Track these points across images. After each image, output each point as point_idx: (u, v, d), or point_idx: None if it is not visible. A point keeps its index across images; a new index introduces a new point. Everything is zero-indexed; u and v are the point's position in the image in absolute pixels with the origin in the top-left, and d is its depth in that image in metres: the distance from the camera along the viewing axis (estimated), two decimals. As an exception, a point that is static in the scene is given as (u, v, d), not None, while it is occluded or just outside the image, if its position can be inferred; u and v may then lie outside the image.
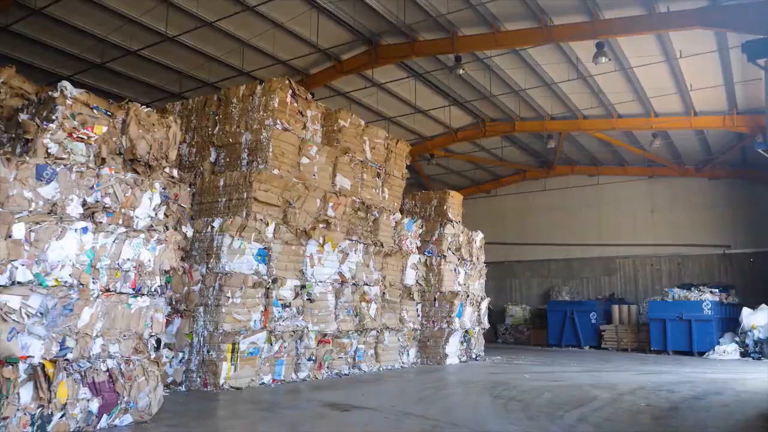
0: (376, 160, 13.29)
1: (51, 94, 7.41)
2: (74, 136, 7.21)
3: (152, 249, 6.85)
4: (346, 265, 11.90)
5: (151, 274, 6.79)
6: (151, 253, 6.83)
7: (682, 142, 21.30)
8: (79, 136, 7.30)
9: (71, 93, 7.28)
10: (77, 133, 7.28)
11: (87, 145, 7.38)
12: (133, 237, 6.67)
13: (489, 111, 20.19)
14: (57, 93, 7.29)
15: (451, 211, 15.30)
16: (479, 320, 16.10)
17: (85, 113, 7.57)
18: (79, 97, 7.34)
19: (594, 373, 12.99)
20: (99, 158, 7.40)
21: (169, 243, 7.02)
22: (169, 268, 7.06)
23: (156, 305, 6.82)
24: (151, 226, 7.03)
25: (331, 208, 11.67)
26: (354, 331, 11.91)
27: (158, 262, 6.90)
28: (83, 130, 7.41)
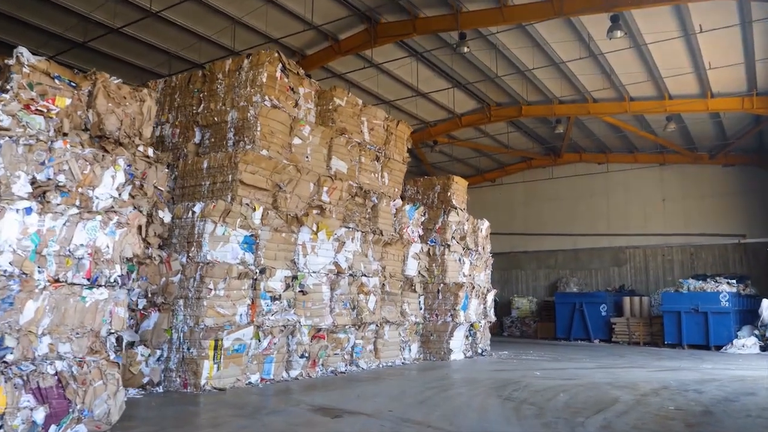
0: (374, 143, 12.31)
1: (6, 62, 6.48)
2: (32, 109, 6.28)
3: (111, 233, 5.89)
4: (343, 255, 10.94)
5: (110, 262, 5.84)
6: (109, 238, 5.87)
7: (696, 126, 20.22)
8: (38, 108, 6.38)
9: (28, 60, 6.37)
10: (35, 105, 6.36)
11: (47, 119, 6.46)
12: (88, 219, 5.71)
13: (494, 94, 19.17)
14: (12, 60, 6.37)
15: (455, 197, 14.32)
16: (485, 313, 15.14)
17: (46, 83, 6.65)
18: (38, 65, 6.42)
19: (609, 369, 12.02)
20: (60, 134, 6.47)
21: (132, 226, 6.06)
22: (132, 255, 6.10)
23: (116, 298, 5.86)
24: (112, 208, 6.07)
25: (325, 193, 10.71)
26: (351, 325, 10.97)
27: (118, 248, 5.94)
28: (42, 102, 6.49)
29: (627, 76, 16.82)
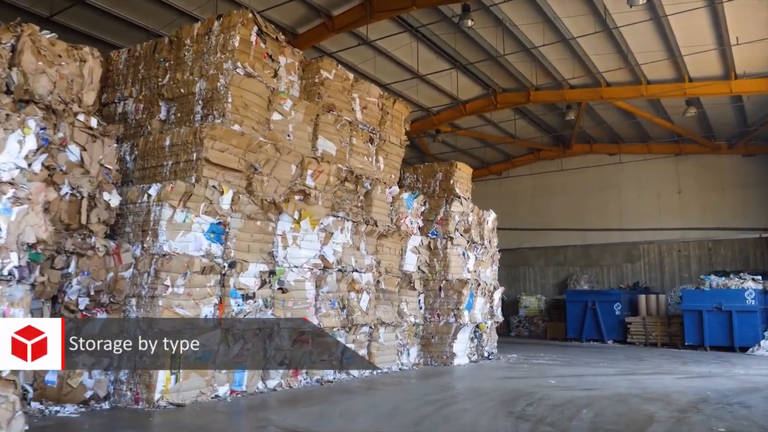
0: (368, 122, 10.84)
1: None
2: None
3: (5, 211, 4.44)
4: (330, 247, 9.48)
5: (3, 250, 4.39)
6: (2, 218, 4.42)
7: (716, 111, 18.59)
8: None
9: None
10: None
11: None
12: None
13: (500, 79, 17.63)
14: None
15: (458, 185, 12.82)
16: (492, 313, 13.64)
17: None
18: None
19: (632, 376, 10.51)
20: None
21: (35, 204, 4.62)
22: (37, 241, 4.65)
23: (11, 296, 4.43)
24: (13, 181, 4.63)
25: (310, 177, 9.25)
26: (340, 327, 9.50)
27: (15, 231, 4.50)
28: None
29: (644, 56, 15.23)
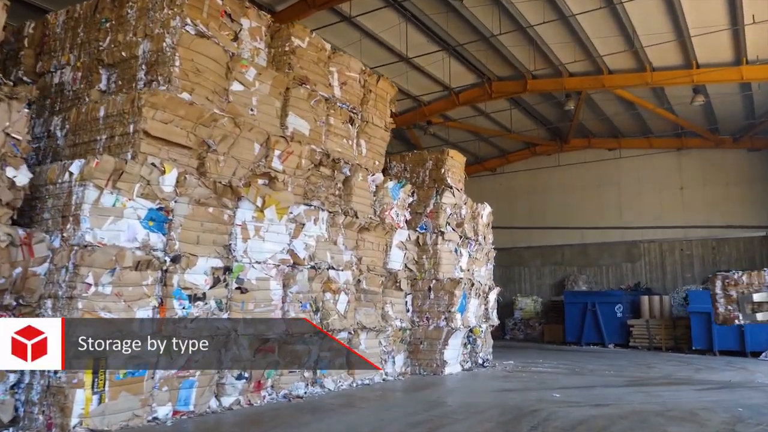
0: (348, 101, 9.40)
1: None
2: None
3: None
4: (301, 241, 8.04)
5: None
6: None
7: (722, 102, 17.23)
8: None
9: None
10: None
11: None
12: None
13: (495, 66, 16.24)
14: None
15: (450, 174, 11.39)
16: (487, 316, 12.23)
17: None
18: None
19: (646, 388, 9.11)
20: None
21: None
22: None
23: None
24: None
25: (277, 158, 7.81)
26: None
27: None
28: None
29: (649, 38, 13.83)
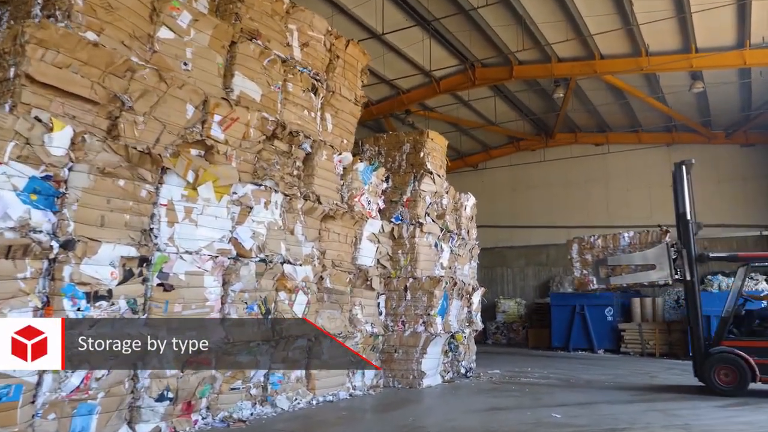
0: (310, 65, 7.85)
1: None
2: None
3: None
4: (248, 227, 6.46)
5: None
6: None
7: (719, 91, 15.94)
8: None
9: None
10: None
11: None
12: None
13: (479, 49, 14.81)
14: None
15: (430, 159, 9.89)
16: (470, 319, 10.75)
17: None
18: None
19: (658, 404, 7.67)
20: None
21: None
22: None
23: None
24: None
25: (218, 125, 6.23)
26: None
27: None
28: None
29: (645, 16, 12.53)
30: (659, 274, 9.50)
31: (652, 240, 10.12)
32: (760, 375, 8.28)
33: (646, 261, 9.82)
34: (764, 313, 9.27)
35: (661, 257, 9.46)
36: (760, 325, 8.93)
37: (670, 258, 9.35)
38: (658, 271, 9.50)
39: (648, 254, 9.79)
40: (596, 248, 10.93)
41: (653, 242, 10.03)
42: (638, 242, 10.32)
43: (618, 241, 10.83)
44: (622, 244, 10.70)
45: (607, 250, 10.78)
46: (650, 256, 9.71)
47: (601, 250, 10.82)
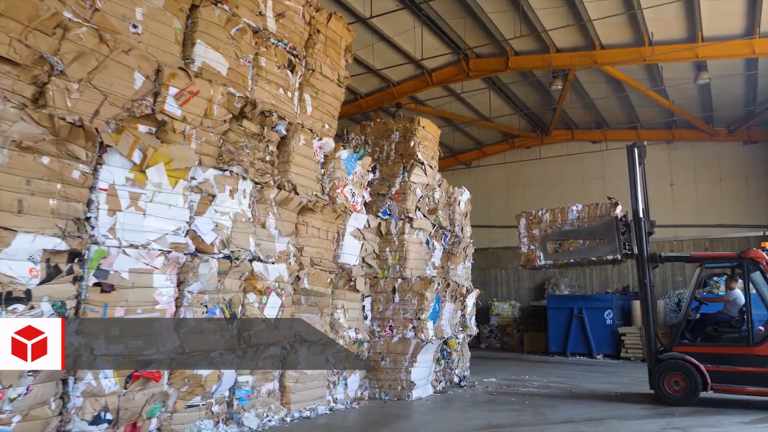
0: (286, 38, 6.93)
1: None
2: None
3: None
4: (209, 218, 5.54)
5: None
6: None
7: (723, 84, 15.14)
8: None
9: None
10: None
11: None
12: None
13: (474, 38, 13.95)
14: None
15: (421, 149, 9.00)
16: (464, 323, 9.87)
17: None
18: None
19: (674, 420, 6.81)
20: None
21: None
22: None
23: None
24: None
25: (174, 99, 5.30)
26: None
27: None
28: None
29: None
30: (607, 249, 8.85)
31: (601, 213, 9.24)
32: (713, 383, 7.62)
33: (593, 235, 9.10)
34: (719, 318, 8.55)
35: (609, 231, 8.82)
36: (715, 330, 8.23)
37: (618, 232, 8.70)
38: (606, 246, 8.87)
39: (596, 228, 9.06)
40: (544, 222, 9.98)
41: (602, 216, 9.17)
42: (587, 216, 9.40)
43: (566, 215, 9.89)
44: (570, 218, 9.73)
45: (555, 224, 9.84)
46: (598, 230, 9.02)
47: (548, 225, 9.88)
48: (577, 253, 9.34)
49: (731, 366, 7.60)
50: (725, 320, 8.48)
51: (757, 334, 7.66)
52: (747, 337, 7.68)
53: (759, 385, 7.41)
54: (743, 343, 7.68)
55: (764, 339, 7.57)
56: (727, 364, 7.63)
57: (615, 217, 8.92)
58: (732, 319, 8.44)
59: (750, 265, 7.99)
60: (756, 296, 8.12)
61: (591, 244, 9.17)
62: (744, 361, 7.55)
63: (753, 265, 7.95)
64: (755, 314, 7.85)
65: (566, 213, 9.72)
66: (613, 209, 9.16)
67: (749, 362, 7.51)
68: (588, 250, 9.19)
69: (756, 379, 7.44)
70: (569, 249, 9.45)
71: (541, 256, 9.62)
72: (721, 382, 7.59)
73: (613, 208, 9.16)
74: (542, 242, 9.61)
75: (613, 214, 9.05)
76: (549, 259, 9.56)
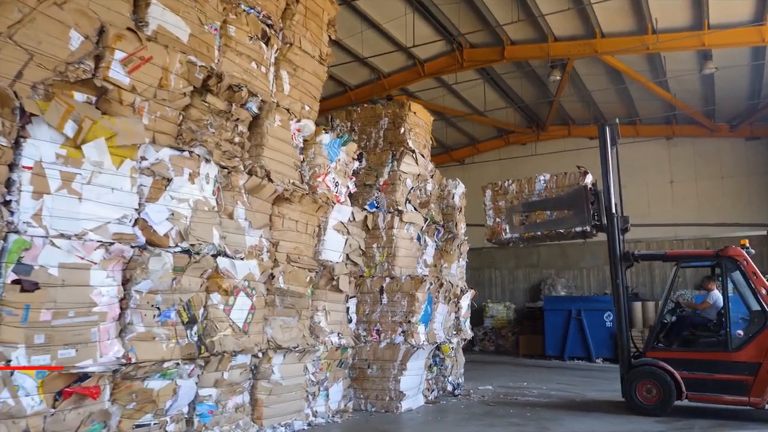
0: (260, 6, 6.11)
1: None
2: None
3: None
4: (163, 206, 4.71)
5: None
6: None
7: (727, 76, 14.42)
8: None
9: None
10: None
11: None
12: None
13: (468, 26, 13.21)
14: None
15: (412, 136, 8.21)
16: (458, 327, 9.10)
17: None
18: None
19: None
20: None
21: None
22: None
23: None
24: None
25: (120, 64, 4.48)
26: (183, 359, 4.72)
27: None
28: None
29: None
30: (576, 220, 8.19)
31: (570, 183, 8.54)
32: (688, 392, 6.98)
33: (561, 205, 8.43)
34: (695, 320, 7.89)
35: (577, 201, 8.19)
36: (692, 334, 7.55)
37: (587, 201, 8.06)
38: (574, 217, 8.22)
39: (564, 198, 8.40)
40: (510, 194, 9.21)
41: (571, 185, 8.48)
42: (555, 186, 8.68)
43: (534, 186, 9.13)
44: (537, 188, 8.97)
45: (522, 195, 9.10)
46: (566, 200, 8.36)
47: (515, 196, 9.13)
48: (544, 225, 8.65)
49: (708, 373, 6.96)
50: (702, 323, 7.83)
51: (735, 339, 7.02)
52: (725, 342, 7.03)
53: (737, 393, 6.77)
54: (721, 348, 7.04)
55: (744, 344, 6.93)
56: (704, 370, 7.00)
57: (584, 186, 8.23)
58: (710, 322, 7.79)
59: (729, 264, 7.34)
60: (736, 297, 7.48)
61: (559, 215, 8.51)
62: (722, 367, 6.92)
63: (732, 264, 7.30)
64: (734, 317, 7.21)
65: (533, 183, 8.99)
66: (582, 178, 8.47)
67: (727, 369, 6.88)
68: (556, 222, 8.52)
69: (734, 388, 6.80)
70: (536, 221, 8.76)
71: (507, 229, 8.90)
72: (697, 390, 6.97)
73: (582, 177, 8.47)
74: (508, 214, 8.89)
75: (582, 183, 8.36)
76: (515, 232, 8.84)
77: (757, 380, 6.70)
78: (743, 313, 7.50)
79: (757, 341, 6.88)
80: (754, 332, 6.98)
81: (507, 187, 9.07)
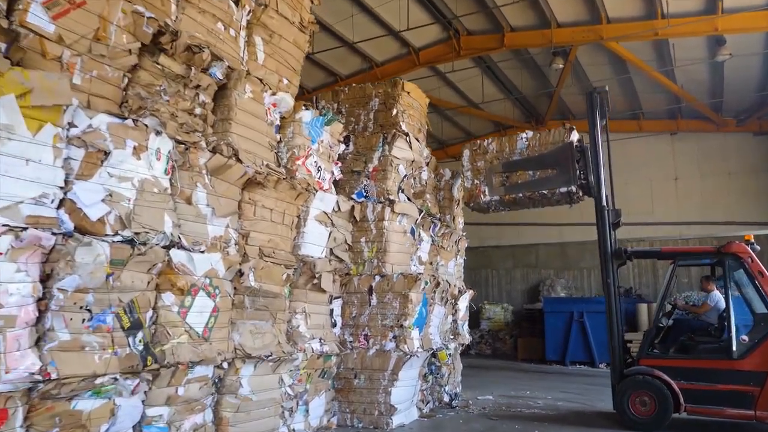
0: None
1: None
2: None
3: None
4: (97, 184, 3.80)
5: None
6: None
7: (737, 65, 13.63)
8: None
9: None
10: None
11: None
12: None
13: (464, 11, 12.37)
14: None
15: (406, 118, 7.32)
16: (456, 330, 8.22)
17: None
18: None
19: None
20: None
21: None
22: None
23: None
24: None
25: (42, 7, 3.58)
26: (123, 373, 3.81)
27: None
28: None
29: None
30: (560, 180, 7.40)
31: (554, 140, 7.70)
32: (687, 404, 6.20)
33: (545, 164, 7.62)
34: (694, 324, 7.16)
35: (562, 158, 7.38)
36: (690, 340, 6.73)
37: (573, 159, 7.25)
38: (559, 176, 7.41)
39: (547, 156, 7.59)
40: (490, 153, 8.33)
41: (555, 143, 7.65)
42: (538, 144, 7.83)
43: (515, 144, 8.27)
44: (519, 146, 8.12)
45: (503, 154, 8.24)
46: (550, 158, 7.56)
47: (495, 156, 8.26)
48: (526, 186, 7.79)
49: (709, 383, 6.18)
50: (702, 327, 7.04)
51: (739, 345, 6.19)
52: (728, 348, 6.22)
53: (741, 406, 5.98)
54: (723, 355, 6.25)
55: (748, 351, 6.11)
56: (704, 380, 6.22)
57: (570, 143, 7.39)
58: (710, 326, 7.00)
59: (731, 262, 6.50)
60: (739, 299, 6.63)
61: (542, 175, 7.68)
62: (724, 377, 6.13)
63: (735, 262, 6.47)
64: (737, 320, 6.34)
65: (514, 141, 8.13)
66: (567, 134, 7.61)
67: (730, 379, 6.10)
68: (539, 182, 7.67)
69: (738, 400, 6.01)
70: (517, 182, 7.91)
71: (486, 191, 8.03)
72: (696, 402, 6.19)
73: (568, 134, 7.61)
74: (487, 175, 8.02)
75: (568, 140, 7.50)
76: (495, 194, 7.97)
77: (763, 392, 5.93)
78: (747, 316, 6.68)
79: (762, 348, 6.10)
80: (759, 338, 6.18)
81: (486, 147, 8.21)
